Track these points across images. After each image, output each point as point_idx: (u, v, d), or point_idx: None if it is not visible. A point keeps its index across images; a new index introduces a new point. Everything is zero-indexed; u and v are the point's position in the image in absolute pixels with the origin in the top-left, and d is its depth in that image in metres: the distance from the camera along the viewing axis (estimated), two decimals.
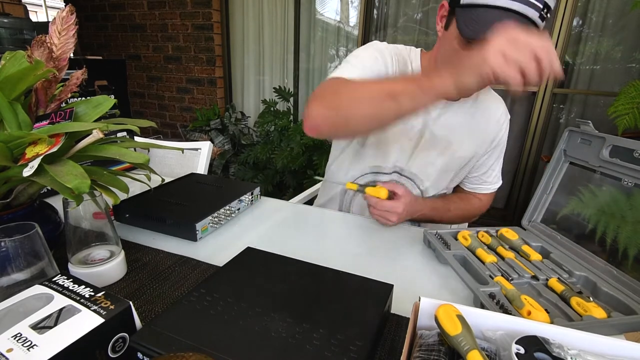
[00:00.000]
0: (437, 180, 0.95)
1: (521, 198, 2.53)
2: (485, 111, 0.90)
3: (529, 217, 0.82)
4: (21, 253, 0.47)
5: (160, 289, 0.59)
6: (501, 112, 0.93)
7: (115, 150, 0.59)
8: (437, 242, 0.73)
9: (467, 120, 0.90)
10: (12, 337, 0.36)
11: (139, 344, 0.40)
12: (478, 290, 0.57)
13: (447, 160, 0.92)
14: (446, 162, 0.92)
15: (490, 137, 0.92)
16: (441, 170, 0.93)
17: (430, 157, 0.91)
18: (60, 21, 0.60)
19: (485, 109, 0.91)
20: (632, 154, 0.63)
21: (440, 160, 0.92)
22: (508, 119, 0.95)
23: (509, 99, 2.58)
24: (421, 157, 0.91)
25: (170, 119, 3.51)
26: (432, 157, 0.91)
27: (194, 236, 0.73)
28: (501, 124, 0.93)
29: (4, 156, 0.51)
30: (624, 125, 1.62)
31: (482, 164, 0.96)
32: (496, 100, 0.93)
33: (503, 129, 0.94)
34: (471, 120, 0.90)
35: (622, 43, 2.24)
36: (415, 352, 0.40)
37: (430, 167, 0.92)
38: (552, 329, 0.40)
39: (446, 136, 0.90)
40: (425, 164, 0.92)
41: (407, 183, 0.94)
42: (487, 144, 0.93)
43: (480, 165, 0.96)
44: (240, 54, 3.19)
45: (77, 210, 0.56)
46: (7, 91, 0.54)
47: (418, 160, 0.92)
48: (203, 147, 1.36)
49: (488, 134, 0.92)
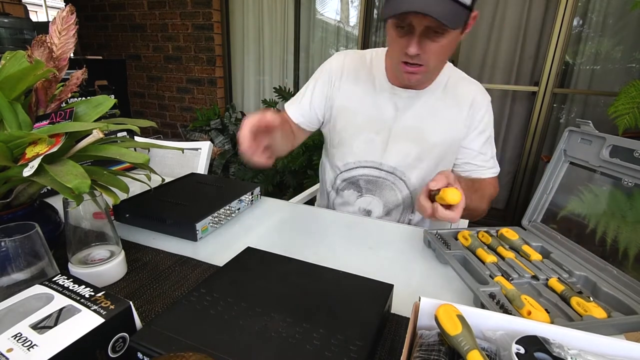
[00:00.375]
0: (419, 172, 0.94)
1: (521, 198, 2.53)
2: (456, 96, 0.90)
3: (529, 217, 0.82)
4: (21, 253, 0.47)
5: (161, 289, 0.59)
6: (474, 94, 0.90)
7: (115, 150, 0.59)
8: (437, 242, 0.73)
9: (438, 106, 0.90)
10: (12, 337, 0.36)
11: (139, 344, 0.40)
12: (478, 290, 0.57)
13: (421, 149, 0.91)
14: (421, 150, 0.91)
15: (464, 121, 0.90)
16: (417, 159, 0.92)
17: (405, 148, 0.92)
18: (60, 21, 0.60)
19: (456, 94, 0.90)
20: (632, 154, 0.63)
21: (415, 150, 0.92)
22: (487, 100, 0.92)
23: (509, 99, 2.59)
24: (396, 149, 0.92)
25: (170, 119, 3.51)
26: (407, 148, 0.92)
27: (194, 236, 0.73)
28: (478, 105, 0.90)
29: (4, 156, 0.51)
30: (624, 125, 1.62)
31: (467, 148, 0.93)
32: (468, 84, 0.92)
33: (482, 110, 0.90)
34: (442, 106, 0.90)
35: (622, 43, 2.24)
36: (415, 352, 0.40)
37: (407, 158, 0.92)
38: (552, 328, 0.40)
39: (417, 126, 0.90)
40: (401, 155, 0.92)
41: (389, 178, 0.95)
42: (463, 127, 0.90)
43: (466, 150, 0.93)
44: (241, 54, 3.19)
45: (77, 210, 0.56)
46: (7, 91, 0.54)
47: (394, 152, 0.93)
48: (203, 147, 1.36)
49: (462, 117, 0.90)
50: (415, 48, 0.73)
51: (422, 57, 0.75)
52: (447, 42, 0.74)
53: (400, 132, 0.91)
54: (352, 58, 0.96)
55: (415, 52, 0.73)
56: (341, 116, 0.96)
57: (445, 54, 0.79)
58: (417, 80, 0.82)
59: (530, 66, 2.48)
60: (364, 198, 1.00)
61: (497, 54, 2.50)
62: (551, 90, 2.27)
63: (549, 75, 2.24)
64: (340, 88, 0.95)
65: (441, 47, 0.75)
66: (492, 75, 2.56)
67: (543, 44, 2.37)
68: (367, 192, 0.99)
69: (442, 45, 0.74)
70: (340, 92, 0.95)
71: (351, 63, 0.95)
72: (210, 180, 0.98)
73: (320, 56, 2.98)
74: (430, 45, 0.74)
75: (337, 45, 2.93)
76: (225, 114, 3.04)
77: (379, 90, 0.92)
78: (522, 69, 2.50)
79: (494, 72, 2.55)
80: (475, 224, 0.85)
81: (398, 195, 0.97)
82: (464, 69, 0.96)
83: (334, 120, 0.98)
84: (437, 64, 0.81)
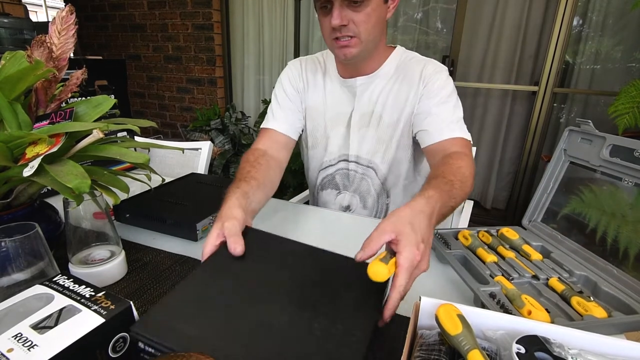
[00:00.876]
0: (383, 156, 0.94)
1: (521, 198, 2.53)
2: (408, 74, 0.90)
3: (530, 217, 0.82)
4: (21, 253, 0.47)
5: (161, 288, 0.59)
6: (423, 67, 0.89)
7: (115, 150, 0.59)
8: (437, 241, 0.73)
9: (391, 87, 0.91)
10: (13, 337, 0.36)
11: (138, 334, 0.39)
12: (478, 289, 0.57)
13: (379, 131, 0.93)
14: (378, 133, 0.93)
15: (415, 92, 0.88)
16: (377, 142, 0.93)
17: (365, 135, 0.94)
18: (60, 21, 0.60)
19: (407, 73, 0.90)
20: (632, 154, 0.63)
21: (372, 133, 0.94)
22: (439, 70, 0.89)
23: (509, 99, 2.59)
24: (357, 138, 0.95)
25: (170, 119, 3.51)
26: (366, 134, 0.94)
27: (195, 236, 0.73)
28: (432, 79, 0.87)
29: (4, 156, 0.51)
30: (624, 125, 1.62)
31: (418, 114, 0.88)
32: (420, 61, 0.91)
33: (438, 82, 0.87)
34: (396, 86, 0.91)
35: (623, 42, 2.24)
36: (416, 352, 0.40)
37: (368, 144, 0.94)
38: (552, 328, 0.40)
39: (372, 110, 0.93)
40: (363, 143, 0.95)
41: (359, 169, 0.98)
42: (414, 98, 0.89)
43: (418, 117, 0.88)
44: (240, 54, 3.18)
45: (78, 210, 0.56)
46: (7, 91, 0.54)
47: (356, 142, 0.95)
48: (203, 147, 1.36)
49: (412, 92, 0.89)
50: (337, 19, 0.75)
51: (350, 28, 0.78)
52: (372, 11, 0.77)
53: (359, 120, 0.94)
54: (307, 62, 1.00)
55: (338, 22, 0.76)
56: (310, 118, 1.00)
57: (374, 23, 0.79)
58: (353, 55, 0.82)
59: (530, 66, 2.48)
60: (342, 195, 1.04)
61: (497, 54, 2.50)
62: (551, 90, 2.27)
63: (549, 74, 2.24)
64: (304, 92, 0.99)
65: (366, 15, 0.77)
66: (492, 75, 2.55)
67: (543, 43, 2.37)
68: (344, 189, 1.03)
69: (367, 14, 0.77)
70: (306, 95, 0.99)
71: (308, 67, 0.99)
72: (210, 180, 0.98)
73: None
74: (353, 15, 0.76)
75: None
76: (226, 114, 3.03)
77: (335, 85, 0.96)
78: (522, 69, 2.49)
79: (494, 72, 2.54)
80: (476, 223, 0.84)
81: (370, 183, 0.99)
82: (464, 68, 0.96)
83: (305, 123, 1.02)
84: (367, 34, 0.80)
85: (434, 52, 2.67)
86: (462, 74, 2.57)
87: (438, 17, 2.63)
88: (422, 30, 2.67)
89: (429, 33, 2.66)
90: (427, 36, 2.66)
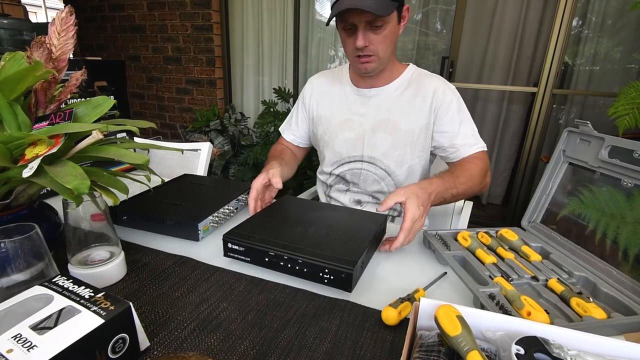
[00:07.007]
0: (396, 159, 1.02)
1: (521, 198, 2.53)
2: (420, 88, 1.01)
3: (529, 218, 0.82)
4: (21, 254, 0.47)
5: (160, 289, 0.59)
6: (435, 84, 1.00)
7: (115, 151, 0.59)
8: (436, 242, 0.73)
9: (404, 98, 1.02)
10: (12, 338, 0.36)
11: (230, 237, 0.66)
12: (478, 290, 0.57)
13: (394, 137, 1.02)
14: (394, 138, 1.02)
15: (429, 108, 0.99)
16: (392, 147, 1.02)
17: (380, 140, 1.03)
18: (59, 22, 0.60)
19: (419, 87, 1.01)
20: (631, 155, 0.64)
21: (389, 139, 1.02)
22: (448, 88, 1.00)
23: (508, 100, 2.59)
24: (372, 142, 1.04)
25: (169, 120, 3.51)
26: (382, 139, 1.03)
27: (196, 236, 0.73)
28: (442, 94, 0.99)
29: (4, 157, 0.51)
30: (624, 126, 1.62)
31: (446, 132, 1.00)
32: (430, 77, 1.03)
33: (448, 97, 0.99)
34: (408, 98, 1.01)
35: (622, 44, 2.24)
36: (415, 353, 0.40)
37: (383, 147, 1.03)
38: (552, 329, 0.40)
39: (387, 118, 1.02)
40: (378, 146, 1.03)
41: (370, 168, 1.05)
42: (429, 113, 0.99)
43: (446, 134, 1.00)
44: (240, 55, 3.19)
45: (77, 211, 0.56)
46: (6, 92, 0.54)
47: (370, 145, 1.04)
48: (203, 148, 1.36)
49: (426, 105, 0.99)
50: (362, 41, 0.88)
51: (370, 48, 0.91)
52: (388, 32, 0.90)
53: (374, 126, 1.03)
54: (321, 76, 1.15)
55: (362, 44, 0.89)
56: (319, 124, 1.11)
57: (389, 43, 0.93)
58: (372, 69, 0.96)
59: (529, 67, 2.48)
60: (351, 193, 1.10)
61: (497, 55, 2.51)
62: (550, 91, 2.27)
63: (549, 76, 2.24)
64: (314, 103, 1.12)
65: (384, 37, 0.90)
66: (491, 76, 2.56)
67: (542, 44, 2.37)
68: (353, 187, 1.09)
69: (385, 35, 0.90)
70: (315, 105, 1.12)
71: (321, 79, 1.13)
72: (205, 181, 0.98)
73: (319, 57, 2.98)
74: (373, 37, 0.90)
75: (336, 46, 2.93)
76: (225, 115, 3.03)
77: (349, 94, 1.07)
78: (521, 70, 2.50)
79: (494, 73, 2.55)
80: (475, 224, 0.85)
81: (382, 183, 1.06)
82: (463, 69, 0.97)
83: (315, 130, 1.12)
84: (385, 52, 0.94)
85: (434, 53, 2.68)
86: (461, 76, 2.58)
87: (437, 18, 2.64)
88: (421, 32, 2.67)
89: (428, 34, 2.66)
90: (427, 37, 2.67)
